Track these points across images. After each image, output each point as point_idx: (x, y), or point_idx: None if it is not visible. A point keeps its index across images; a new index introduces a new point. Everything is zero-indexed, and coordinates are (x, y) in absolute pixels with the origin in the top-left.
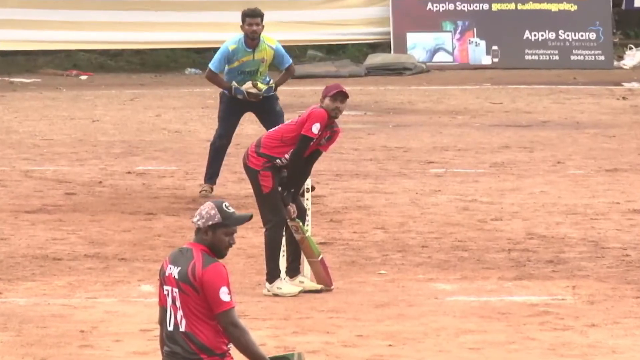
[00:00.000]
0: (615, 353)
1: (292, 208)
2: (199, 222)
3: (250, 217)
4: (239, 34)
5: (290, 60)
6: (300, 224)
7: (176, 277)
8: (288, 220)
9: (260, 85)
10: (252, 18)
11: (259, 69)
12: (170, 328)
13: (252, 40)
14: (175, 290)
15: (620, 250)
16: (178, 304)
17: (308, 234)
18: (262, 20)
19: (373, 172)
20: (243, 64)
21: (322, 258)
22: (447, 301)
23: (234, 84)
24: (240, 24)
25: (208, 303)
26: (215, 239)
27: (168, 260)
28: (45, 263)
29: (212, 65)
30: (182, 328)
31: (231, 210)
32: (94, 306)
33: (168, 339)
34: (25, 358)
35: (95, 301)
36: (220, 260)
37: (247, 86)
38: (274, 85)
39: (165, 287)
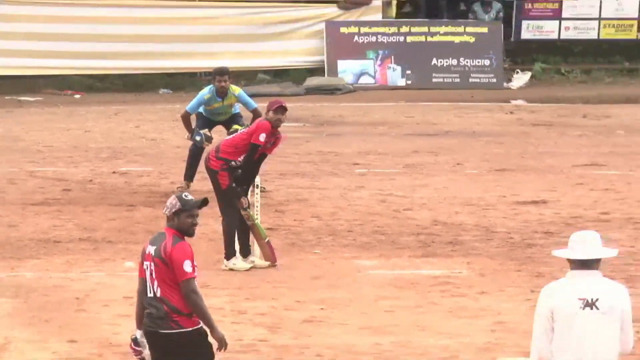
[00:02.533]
0: (500, 314)
1: (245, 200)
2: (166, 212)
3: (205, 200)
4: (212, 86)
5: (255, 105)
6: (251, 213)
7: (152, 254)
8: (241, 210)
9: (235, 127)
10: (220, 76)
11: (227, 111)
12: (150, 295)
13: (221, 92)
14: (152, 264)
15: (505, 234)
16: (154, 275)
17: (257, 221)
18: (228, 77)
19: (310, 172)
20: (215, 109)
21: (268, 240)
22: (368, 274)
23: (195, 129)
24: (213, 74)
25: (173, 271)
26: (180, 222)
27: (148, 242)
28: (47, 245)
29: (188, 108)
30: (158, 294)
31: (189, 197)
32: (86, 279)
33: (148, 304)
34: (32, 320)
35: (87, 275)
36: (188, 240)
37: (205, 132)
38: (242, 119)
39: (144, 263)
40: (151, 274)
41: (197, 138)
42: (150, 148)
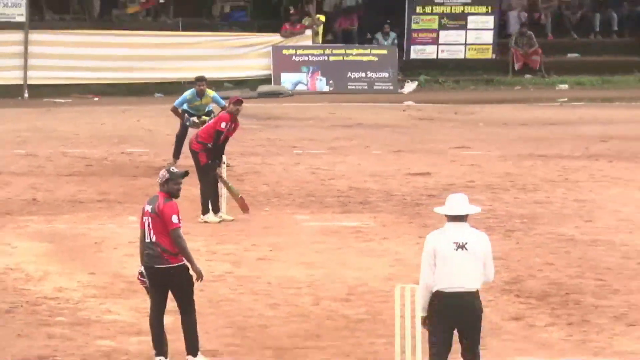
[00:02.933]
0: (398, 254)
1: (220, 170)
2: (159, 180)
3: (186, 172)
4: (193, 89)
5: (224, 103)
6: (226, 180)
7: (149, 211)
8: (219, 177)
9: (204, 118)
10: (200, 82)
11: (203, 107)
12: (148, 240)
13: (200, 93)
14: (149, 219)
15: (400, 196)
16: (151, 226)
17: (230, 184)
18: (205, 83)
19: (261, 153)
20: (195, 106)
21: (241, 196)
22: (303, 225)
23: (186, 116)
24: (194, 81)
25: (164, 223)
26: (169, 187)
27: (146, 203)
28: (74, 204)
29: (175, 103)
30: (154, 240)
31: (175, 170)
32: (102, 229)
33: (146, 247)
34: (63, 258)
35: (103, 226)
36: (175, 200)
37: (194, 119)
38: (213, 113)
39: (144, 218)
40: (149, 225)
41: (187, 123)
42: (148, 136)
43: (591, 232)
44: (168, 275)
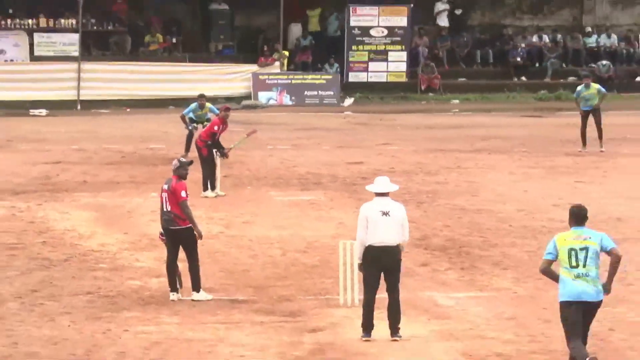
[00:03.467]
0: (341, 220)
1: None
2: (172, 167)
3: (191, 161)
4: (196, 102)
5: (217, 111)
6: (236, 143)
7: (166, 188)
8: (229, 150)
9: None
10: (201, 98)
11: (203, 115)
12: (165, 209)
13: (201, 105)
14: (166, 194)
15: (342, 179)
16: (167, 199)
17: (238, 143)
18: (205, 98)
19: (245, 148)
20: (198, 115)
21: (246, 135)
22: (275, 199)
23: (190, 123)
24: (197, 97)
25: (175, 197)
26: (179, 172)
27: (164, 183)
28: (112, 185)
29: (184, 112)
30: (169, 209)
31: (183, 160)
32: (131, 202)
33: (164, 214)
34: (105, 223)
35: (132, 199)
36: (184, 181)
37: (194, 125)
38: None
39: (162, 194)
40: (165, 199)
41: (189, 128)
42: (164, 136)
43: (476, 203)
44: (179, 234)
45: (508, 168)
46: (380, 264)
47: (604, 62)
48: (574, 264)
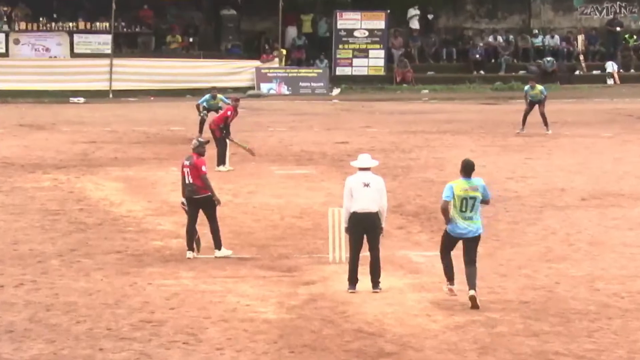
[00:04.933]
0: (329, 190)
1: (231, 138)
2: (192, 146)
3: (207, 141)
4: (210, 93)
5: (228, 101)
6: (239, 142)
7: (188, 164)
8: (233, 140)
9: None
10: (213, 89)
11: (216, 104)
12: (188, 182)
13: (214, 97)
14: (188, 169)
15: (331, 156)
16: (189, 173)
17: (240, 142)
18: (216, 90)
19: (248, 130)
20: (210, 104)
21: (249, 147)
22: (275, 173)
23: (203, 111)
24: (210, 89)
25: (197, 171)
26: (198, 150)
27: (184, 159)
28: (139, 160)
29: (199, 102)
30: (191, 181)
31: (202, 139)
32: (155, 175)
33: (187, 186)
34: (132, 192)
35: (155, 173)
36: (203, 157)
37: (205, 112)
38: (221, 109)
39: (184, 169)
40: (188, 173)
41: (202, 114)
42: (182, 120)
43: (443, 176)
44: (201, 201)
45: (469, 146)
46: (363, 227)
47: (549, 58)
48: (463, 209)
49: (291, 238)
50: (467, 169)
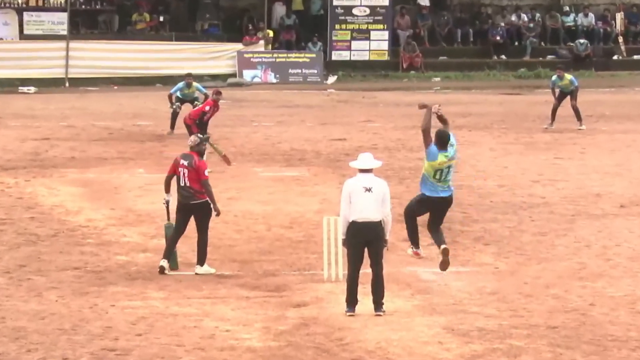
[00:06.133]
0: (325, 195)
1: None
2: (191, 144)
3: (207, 137)
4: (184, 81)
5: (205, 91)
6: (214, 145)
7: (186, 164)
8: (209, 143)
9: (196, 103)
10: (188, 76)
11: (190, 94)
12: (183, 185)
13: (188, 84)
14: (186, 170)
15: (326, 155)
16: (186, 175)
17: (216, 146)
18: (192, 77)
19: (230, 124)
20: (184, 93)
21: (224, 154)
22: (260, 175)
23: (175, 102)
24: (184, 76)
25: (198, 175)
26: (198, 149)
27: (180, 158)
28: (100, 161)
29: (171, 91)
30: (188, 184)
31: (201, 136)
32: (119, 177)
33: (182, 189)
34: (92, 197)
35: (120, 175)
36: (204, 160)
37: (178, 104)
38: (197, 100)
39: (179, 168)
40: (184, 175)
41: (174, 107)
42: (151, 113)
43: (458, 179)
44: (196, 207)
45: (488, 144)
46: (364, 239)
47: (582, 40)
48: (438, 177)
49: (279, 252)
50: (443, 140)
